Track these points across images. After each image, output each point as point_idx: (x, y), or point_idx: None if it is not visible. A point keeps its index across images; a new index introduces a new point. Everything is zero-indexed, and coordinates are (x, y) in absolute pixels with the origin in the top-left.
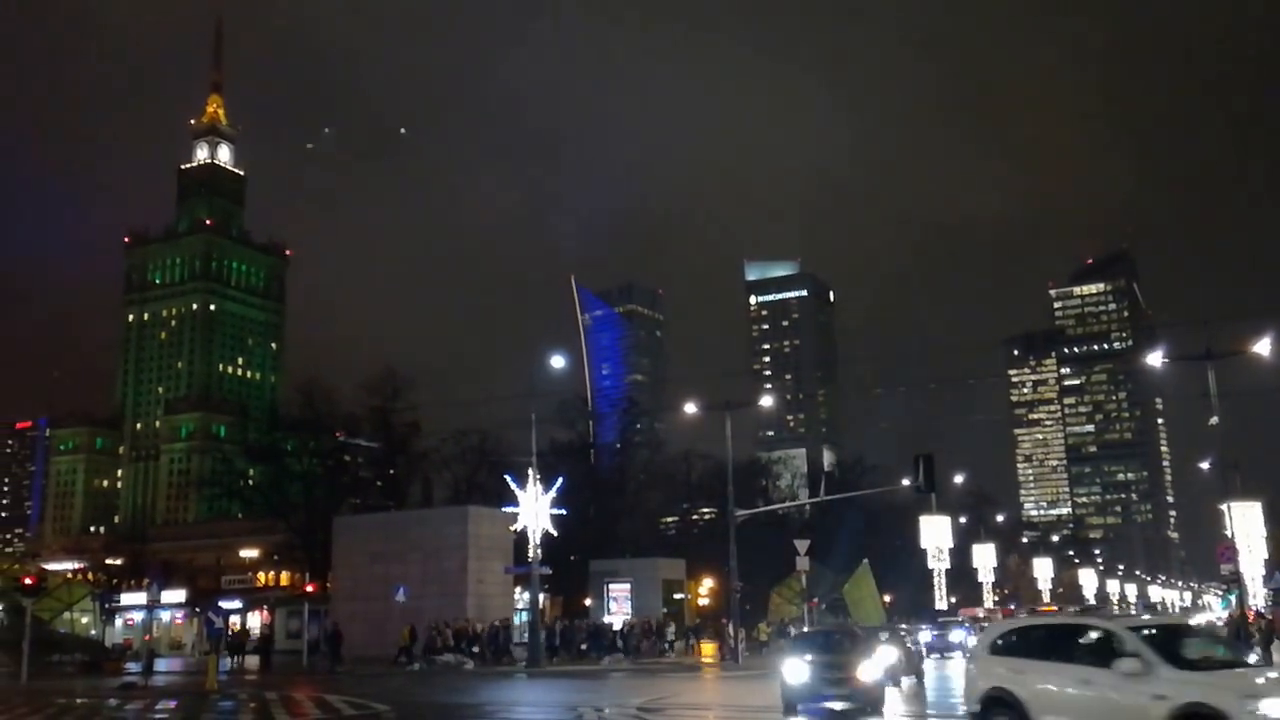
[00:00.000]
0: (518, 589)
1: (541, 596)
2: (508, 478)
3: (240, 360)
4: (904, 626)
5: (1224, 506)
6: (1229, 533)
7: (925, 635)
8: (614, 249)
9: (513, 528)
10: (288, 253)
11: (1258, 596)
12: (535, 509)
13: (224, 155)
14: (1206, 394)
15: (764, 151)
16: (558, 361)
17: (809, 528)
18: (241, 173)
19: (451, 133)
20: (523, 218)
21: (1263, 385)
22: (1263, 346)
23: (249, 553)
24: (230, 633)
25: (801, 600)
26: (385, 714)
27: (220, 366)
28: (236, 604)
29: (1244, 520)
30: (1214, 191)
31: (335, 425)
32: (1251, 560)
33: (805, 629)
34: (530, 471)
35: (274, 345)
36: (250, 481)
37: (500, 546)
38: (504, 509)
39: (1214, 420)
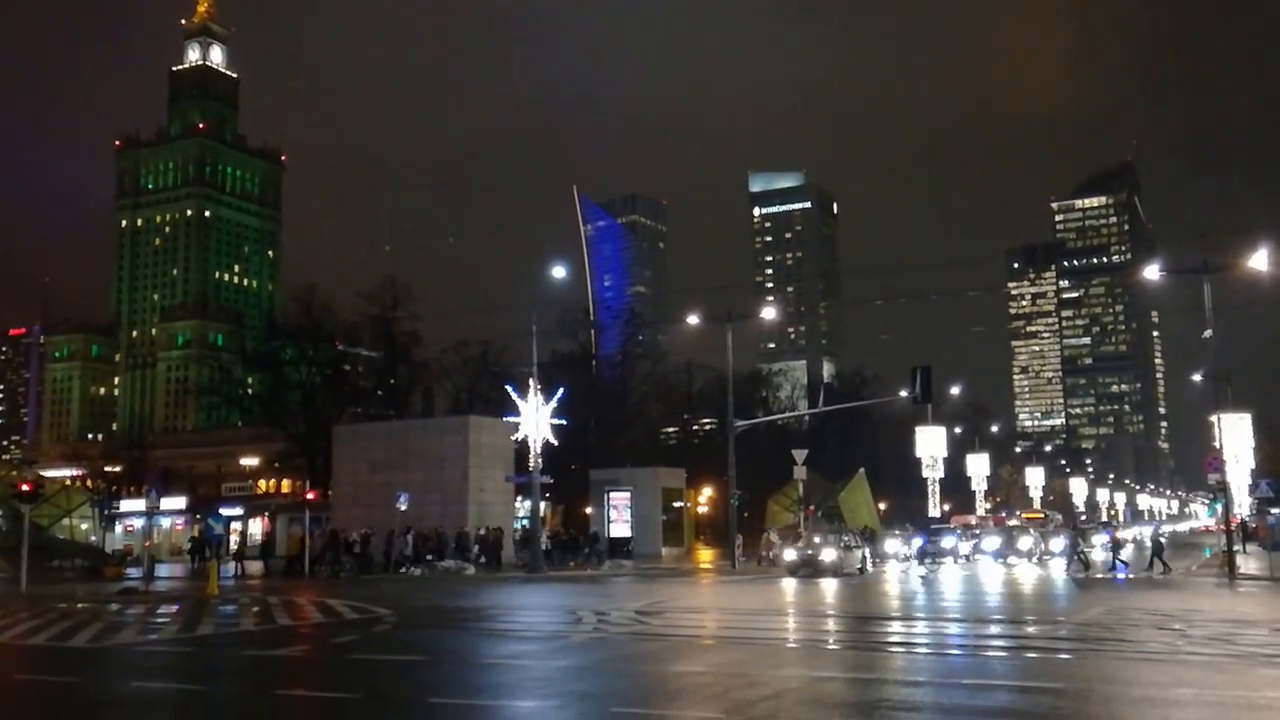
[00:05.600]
0: (519, 498)
1: (542, 505)
2: (508, 388)
3: (236, 268)
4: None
5: (1214, 418)
6: (1218, 444)
7: (917, 541)
8: (618, 159)
9: (514, 437)
10: (283, 158)
11: (1243, 506)
12: (536, 419)
13: (216, 57)
14: (1202, 307)
15: (771, 63)
16: (559, 272)
17: (808, 438)
18: (235, 75)
19: (452, 38)
20: (525, 126)
21: (1258, 298)
22: (1259, 260)
23: (249, 461)
24: (194, 536)
25: (798, 508)
26: (387, 617)
27: (216, 274)
28: (237, 511)
29: (1233, 432)
30: (1218, 102)
31: (334, 334)
32: (1239, 470)
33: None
34: (531, 382)
35: (270, 253)
36: (249, 390)
37: (501, 455)
38: (505, 419)
39: (1208, 333)
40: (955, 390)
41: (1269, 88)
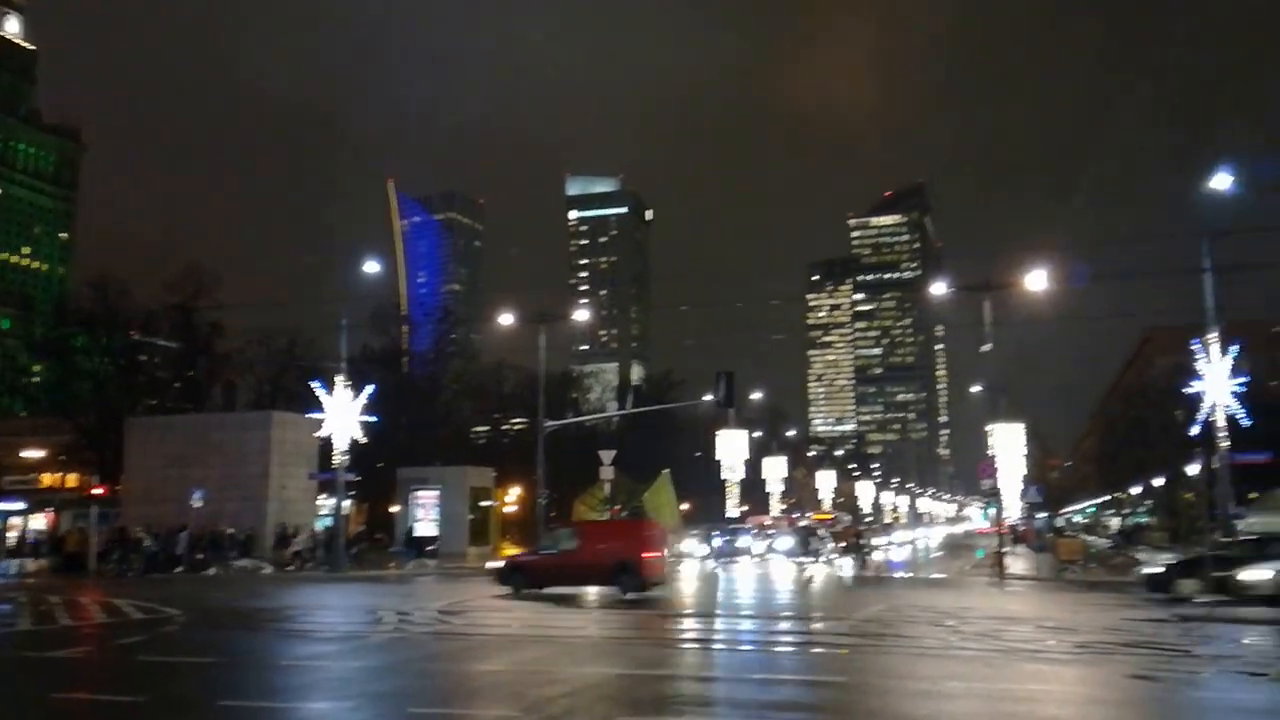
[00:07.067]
0: (323, 495)
1: (347, 503)
2: (315, 384)
3: (26, 249)
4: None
5: (990, 427)
6: (992, 451)
7: (716, 540)
8: (436, 156)
9: (318, 434)
10: (81, 137)
11: (1013, 510)
12: (343, 415)
13: (11, 27)
14: (983, 322)
15: (592, 68)
16: (372, 267)
17: (615, 439)
18: (33, 47)
19: (266, 19)
20: (346, 118)
21: (1037, 314)
22: (1037, 280)
23: (33, 453)
24: None
25: (604, 508)
26: (176, 617)
27: (4, 255)
28: (18, 505)
29: (1007, 440)
30: (1012, 123)
31: (130, 322)
32: (1011, 477)
33: None
34: (339, 378)
35: (64, 235)
36: (35, 378)
37: (305, 453)
38: (311, 415)
39: (986, 347)
40: (756, 395)
41: (1060, 109)
